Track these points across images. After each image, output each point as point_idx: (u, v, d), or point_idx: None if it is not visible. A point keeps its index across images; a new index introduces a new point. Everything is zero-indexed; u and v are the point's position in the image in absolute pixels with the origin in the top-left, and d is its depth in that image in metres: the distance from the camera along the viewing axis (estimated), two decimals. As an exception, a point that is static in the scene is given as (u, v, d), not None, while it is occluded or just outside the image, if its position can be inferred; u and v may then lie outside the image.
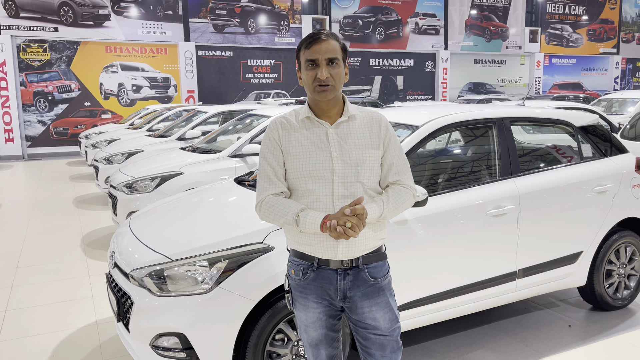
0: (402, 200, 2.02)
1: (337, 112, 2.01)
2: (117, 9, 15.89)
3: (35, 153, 15.34)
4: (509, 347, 3.46)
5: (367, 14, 19.54)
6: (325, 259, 1.99)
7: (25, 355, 3.45)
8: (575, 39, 24.21)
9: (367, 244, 2.00)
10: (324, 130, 1.98)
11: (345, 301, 2.03)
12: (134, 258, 2.87)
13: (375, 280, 2.02)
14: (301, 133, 1.99)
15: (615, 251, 3.95)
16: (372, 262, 2.03)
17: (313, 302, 2.04)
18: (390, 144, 2.04)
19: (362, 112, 2.05)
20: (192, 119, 9.01)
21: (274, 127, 2.03)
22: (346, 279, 2.00)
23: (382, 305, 2.03)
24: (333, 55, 1.92)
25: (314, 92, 1.94)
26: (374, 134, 2.01)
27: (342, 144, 1.96)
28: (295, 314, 2.12)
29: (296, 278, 2.05)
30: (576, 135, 3.94)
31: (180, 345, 2.62)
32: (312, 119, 1.99)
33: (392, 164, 2.04)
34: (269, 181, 1.99)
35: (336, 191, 1.94)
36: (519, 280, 3.48)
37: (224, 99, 17.47)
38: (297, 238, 2.01)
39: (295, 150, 1.97)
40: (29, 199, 8.78)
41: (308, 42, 1.93)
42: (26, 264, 5.33)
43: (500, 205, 3.31)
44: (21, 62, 15.07)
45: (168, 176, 5.54)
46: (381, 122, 2.04)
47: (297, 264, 2.05)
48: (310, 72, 1.93)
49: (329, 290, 2.01)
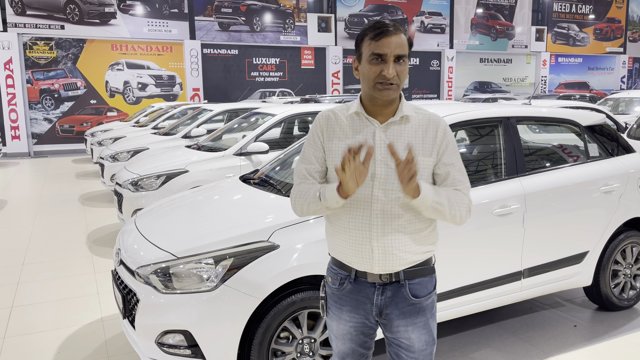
0: (459, 201, 1.79)
1: (391, 111, 1.82)
2: (123, 7, 15.92)
3: (41, 150, 15.41)
4: (514, 347, 3.46)
5: (372, 12, 19.50)
6: (362, 271, 1.84)
7: (32, 351, 3.47)
8: (581, 38, 24.09)
9: (407, 258, 1.81)
10: (371, 130, 1.81)
11: (380, 317, 1.89)
12: (139, 255, 2.88)
13: (416, 299, 1.85)
14: (346, 130, 1.83)
15: (621, 251, 3.93)
16: (416, 277, 1.84)
17: (347, 314, 1.91)
18: (447, 152, 1.83)
19: (419, 113, 1.85)
20: (198, 117, 9.03)
21: (319, 122, 1.89)
22: (384, 294, 1.84)
23: (419, 326, 1.86)
24: (402, 52, 1.73)
25: (374, 89, 1.75)
26: (429, 138, 1.81)
27: None
28: (327, 322, 2.01)
29: (333, 287, 1.94)
30: (583, 134, 3.92)
31: (185, 342, 2.63)
32: (362, 115, 1.83)
33: (448, 173, 1.82)
34: (302, 177, 1.87)
35: (375, 198, 1.77)
36: (525, 280, 3.47)
37: (229, 97, 17.49)
38: (333, 244, 1.90)
39: (337, 148, 1.82)
40: (35, 196, 8.82)
41: (376, 34, 1.72)
42: (32, 260, 5.36)
43: (506, 205, 3.30)
44: (27, 60, 15.13)
45: (173, 174, 5.55)
46: (439, 125, 1.83)
47: (335, 272, 1.93)
48: (374, 66, 1.74)
49: (364, 305, 1.87)
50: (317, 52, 18.84)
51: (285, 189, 3.40)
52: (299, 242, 2.73)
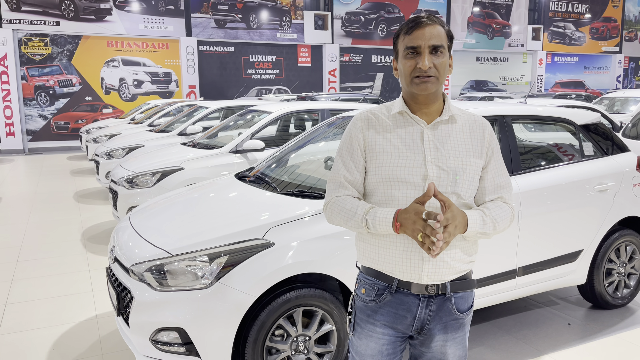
0: (503, 217, 1.72)
1: (436, 110, 1.72)
2: (118, 4, 15.85)
3: (36, 147, 15.34)
4: (508, 345, 3.47)
5: (369, 10, 19.49)
6: (406, 282, 1.69)
7: (26, 348, 3.45)
8: (577, 37, 24.15)
9: (458, 266, 1.70)
10: (418, 130, 1.70)
11: (421, 332, 1.74)
12: (134, 253, 2.87)
13: (460, 314, 1.74)
14: (391, 131, 1.71)
15: (615, 250, 3.94)
16: (460, 290, 1.73)
17: (381, 329, 1.74)
18: (494, 155, 1.76)
19: (464, 114, 1.77)
20: (193, 114, 9.01)
21: (357, 123, 1.76)
22: (429, 307, 1.70)
23: (457, 341, 1.76)
24: (438, 42, 1.64)
25: (412, 85, 1.66)
26: (476, 140, 1.73)
27: (439, 147, 1.68)
28: (352, 341, 1.82)
29: (367, 299, 1.76)
30: (578, 133, 3.93)
31: (180, 340, 2.62)
32: (406, 115, 1.72)
33: (494, 178, 1.76)
34: (339, 184, 1.75)
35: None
36: (519, 278, 3.47)
37: (225, 95, 17.46)
38: (373, 254, 1.73)
39: (383, 149, 1.70)
40: (29, 193, 8.78)
41: (409, 27, 1.66)
42: (26, 258, 5.33)
43: (501, 203, 3.30)
44: (22, 56, 15.05)
45: (169, 171, 5.54)
46: (485, 128, 1.76)
47: (371, 282, 1.75)
48: (409, 60, 1.65)
49: (404, 319, 1.72)
50: (314, 50, 18.82)
51: (280, 186, 3.40)
52: (294, 240, 2.73)
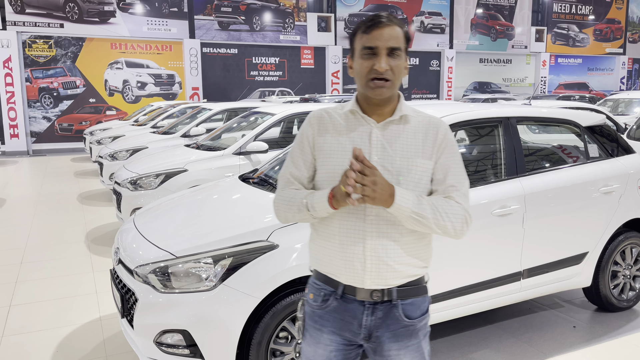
0: (448, 210, 1.63)
1: (389, 111, 1.69)
2: (122, 6, 15.90)
3: (40, 149, 15.38)
4: (513, 348, 3.45)
5: (372, 12, 19.45)
6: (351, 287, 1.67)
7: (31, 349, 3.46)
8: (581, 38, 24.09)
9: (405, 270, 1.66)
10: (367, 129, 1.67)
11: (369, 340, 1.71)
12: (138, 255, 2.87)
13: (409, 321, 1.69)
14: (341, 129, 1.70)
15: (620, 252, 3.93)
16: (409, 297, 1.69)
17: (328, 336, 1.72)
18: (444, 154, 1.68)
19: (420, 115, 1.72)
20: (197, 116, 9.01)
21: (310, 121, 1.76)
22: (374, 314, 1.67)
23: (412, 349, 1.70)
24: (396, 44, 1.60)
25: (366, 87, 1.63)
26: (428, 141, 1.67)
27: (386, 147, 1.65)
28: (302, 346, 1.80)
29: (314, 304, 1.75)
30: (582, 135, 3.91)
31: (184, 342, 2.62)
32: (357, 114, 1.70)
33: (444, 178, 1.68)
34: (286, 182, 1.75)
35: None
36: (524, 281, 3.46)
37: (229, 97, 17.47)
38: (319, 254, 1.72)
39: (330, 148, 1.69)
40: (33, 195, 8.80)
41: (367, 26, 1.61)
42: (30, 259, 5.34)
43: (505, 205, 3.30)
44: (27, 58, 15.10)
45: (172, 173, 5.54)
46: (439, 128, 1.69)
47: (319, 287, 1.74)
48: (366, 61, 1.61)
49: (350, 326, 1.69)
50: (317, 52, 18.83)
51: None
52: (298, 242, 2.72)
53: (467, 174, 1.76)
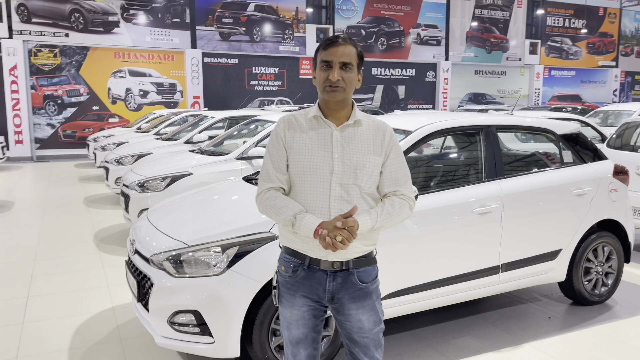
0: (397, 212, 2.06)
1: (345, 115, 2.06)
2: (126, 16, 16.31)
3: (44, 155, 15.70)
4: (492, 335, 3.78)
5: (370, 24, 19.95)
6: (316, 259, 2.04)
7: (50, 334, 3.77)
8: (574, 51, 24.61)
9: (359, 247, 2.05)
10: (329, 132, 2.03)
11: (332, 302, 2.09)
12: (153, 245, 3.21)
13: (363, 284, 2.08)
14: (307, 131, 2.05)
15: (593, 250, 4.26)
16: (362, 266, 2.08)
17: (300, 299, 2.08)
18: (392, 153, 2.08)
19: (369, 119, 2.11)
20: (199, 123, 9.37)
21: (280, 124, 2.09)
22: (335, 280, 2.05)
23: (368, 308, 2.09)
24: (347, 60, 1.98)
25: (324, 92, 2.01)
26: (378, 141, 2.06)
27: (344, 146, 2.02)
28: (280, 310, 2.17)
29: (286, 275, 2.10)
30: (558, 142, 4.27)
31: (194, 321, 2.94)
32: (320, 118, 2.05)
33: (391, 172, 2.08)
34: (268, 176, 2.07)
35: (333, 191, 2.00)
36: (502, 274, 3.79)
37: (229, 105, 17.85)
38: (291, 235, 2.06)
39: (299, 147, 2.03)
40: (40, 198, 9.12)
41: (326, 44, 2.00)
42: (43, 256, 5.66)
43: (485, 204, 3.64)
44: (32, 66, 15.47)
45: (178, 176, 5.87)
46: (386, 130, 2.09)
47: (289, 260, 2.10)
48: (323, 72, 2.00)
49: (317, 290, 2.07)
50: (315, 62, 19.21)
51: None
52: (297, 234, 3.05)
53: (450, 176, 2.16)
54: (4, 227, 6.98)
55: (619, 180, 4.34)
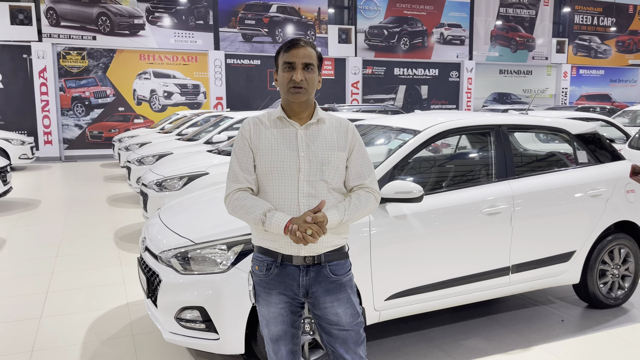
0: (363, 205, 2.12)
1: (307, 115, 2.13)
2: (151, 19, 16.60)
3: (72, 155, 16.10)
4: (502, 337, 3.74)
5: (392, 24, 19.87)
6: (288, 255, 2.08)
7: (67, 328, 3.89)
8: (603, 50, 24.03)
9: (330, 241, 2.10)
10: (294, 131, 2.10)
11: (307, 297, 2.13)
12: (162, 242, 3.28)
13: (336, 277, 2.12)
14: (272, 132, 2.10)
15: (609, 252, 4.17)
16: (334, 260, 2.13)
17: (276, 297, 2.12)
18: (355, 148, 2.16)
19: (332, 117, 2.19)
20: (219, 124, 9.48)
21: (246, 126, 2.15)
22: (308, 275, 2.10)
23: (343, 301, 2.13)
24: (309, 61, 2.06)
25: (288, 93, 2.07)
26: (341, 137, 2.13)
27: (309, 144, 2.08)
28: (258, 309, 2.20)
29: (260, 274, 2.14)
30: (572, 142, 4.19)
31: (200, 317, 3.00)
32: (284, 119, 2.11)
33: (356, 166, 2.16)
34: (236, 177, 2.11)
35: (301, 188, 2.05)
36: (512, 275, 3.75)
37: (251, 106, 18.00)
38: (262, 234, 2.11)
39: (265, 147, 2.08)
40: (66, 197, 9.37)
41: (287, 47, 2.07)
42: (65, 253, 5.82)
43: (494, 205, 3.60)
44: (61, 69, 15.88)
45: (195, 176, 5.97)
46: (348, 127, 2.17)
47: (261, 260, 2.14)
48: (286, 74, 2.06)
49: (292, 286, 2.11)
50: (337, 63, 19.26)
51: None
52: (301, 232, 3.08)
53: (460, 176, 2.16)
54: (31, 225, 7.20)
55: (637, 181, 4.24)
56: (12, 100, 15.53)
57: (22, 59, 15.47)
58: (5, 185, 8.19)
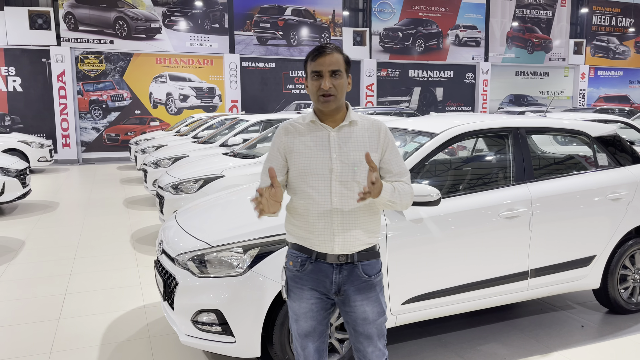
0: (406, 193, 2.15)
1: (340, 118, 2.17)
2: (167, 23, 16.76)
3: (89, 157, 16.30)
4: (520, 342, 3.69)
5: (407, 26, 19.80)
6: (323, 253, 2.14)
7: (84, 329, 3.92)
8: (622, 51, 23.69)
9: (362, 239, 2.15)
10: (326, 134, 2.15)
11: (339, 294, 2.18)
12: (179, 245, 3.29)
13: (368, 277, 2.17)
14: (305, 135, 2.17)
15: (630, 257, 4.10)
16: (366, 259, 2.18)
17: (308, 292, 2.18)
18: (388, 149, 2.19)
19: (364, 119, 2.22)
20: (235, 127, 9.52)
21: (279, 132, 2.23)
22: (341, 273, 2.15)
23: (372, 299, 2.18)
24: (336, 68, 2.09)
25: (318, 102, 2.12)
26: (373, 138, 2.17)
27: (342, 146, 2.13)
28: (289, 304, 2.26)
29: (294, 269, 2.21)
30: (592, 144, 4.13)
31: (217, 320, 3.00)
32: (317, 122, 2.17)
33: (390, 167, 2.19)
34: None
35: (334, 188, 2.10)
36: (531, 280, 3.70)
37: (266, 109, 18.07)
38: (296, 232, 2.19)
39: (299, 150, 2.15)
40: (83, 199, 9.48)
41: (314, 55, 2.11)
42: (82, 255, 5.88)
43: (512, 208, 3.56)
44: (79, 73, 16.10)
45: (210, 178, 6.00)
46: (380, 128, 2.20)
47: (296, 256, 2.20)
48: (315, 82, 2.11)
49: (324, 283, 2.16)
50: (352, 65, 19.05)
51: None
52: (318, 236, 3.07)
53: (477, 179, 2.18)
54: (50, 227, 7.29)
55: (659, 184, 4.16)
56: (31, 103, 15.78)
57: (41, 63, 15.72)
58: (25, 187, 8.31)
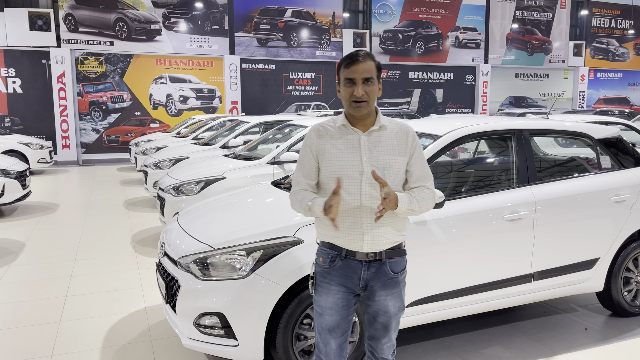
0: (425, 198, 2.26)
1: (370, 122, 2.26)
2: (167, 24, 16.75)
3: (89, 159, 16.27)
4: (524, 345, 3.67)
5: (407, 28, 19.80)
6: (352, 251, 2.25)
7: (85, 332, 3.90)
8: (621, 53, 23.69)
9: (390, 238, 2.26)
10: (357, 137, 2.24)
11: (365, 290, 2.30)
12: (181, 248, 3.27)
13: (394, 274, 2.30)
14: (336, 138, 2.26)
15: (633, 259, 4.09)
16: (394, 257, 2.29)
17: (335, 287, 2.29)
18: (415, 153, 2.29)
19: (393, 123, 2.30)
20: (235, 128, 9.51)
21: (311, 134, 2.32)
22: (370, 270, 2.26)
23: (395, 295, 2.31)
24: (369, 75, 2.17)
25: (350, 107, 2.21)
26: (402, 142, 2.26)
27: (372, 149, 2.22)
28: (315, 299, 2.36)
29: (323, 265, 2.32)
30: (595, 147, 4.12)
31: (219, 323, 2.98)
32: (348, 126, 2.26)
33: (416, 171, 2.29)
34: (297, 181, 2.34)
35: (364, 190, 2.20)
36: (535, 283, 3.68)
37: (266, 110, 18.05)
38: (328, 232, 2.29)
39: (330, 152, 2.25)
40: (84, 201, 9.45)
41: (347, 62, 2.19)
42: (83, 257, 5.86)
43: (516, 211, 3.54)
44: (79, 74, 16.07)
45: (211, 180, 5.98)
46: (408, 133, 2.29)
47: (326, 252, 2.32)
48: (348, 89, 2.19)
49: (352, 279, 2.27)
50: (352, 67, 19.20)
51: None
52: (321, 238, 3.05)
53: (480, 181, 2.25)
54: (50, 229, 7.27)
55: (662, 186, 4.14)
56: (31, 104, 15.75)
57: (41, 64, 15.70)
58: (25, 189, 8.29)
